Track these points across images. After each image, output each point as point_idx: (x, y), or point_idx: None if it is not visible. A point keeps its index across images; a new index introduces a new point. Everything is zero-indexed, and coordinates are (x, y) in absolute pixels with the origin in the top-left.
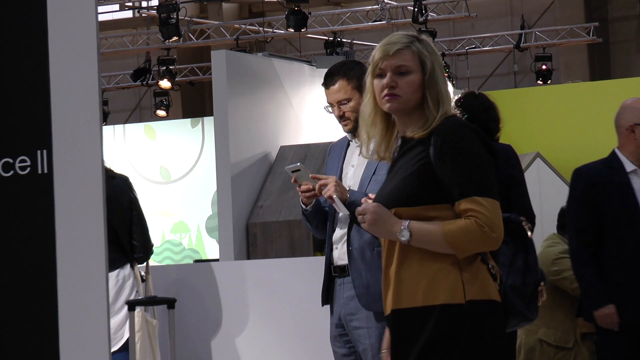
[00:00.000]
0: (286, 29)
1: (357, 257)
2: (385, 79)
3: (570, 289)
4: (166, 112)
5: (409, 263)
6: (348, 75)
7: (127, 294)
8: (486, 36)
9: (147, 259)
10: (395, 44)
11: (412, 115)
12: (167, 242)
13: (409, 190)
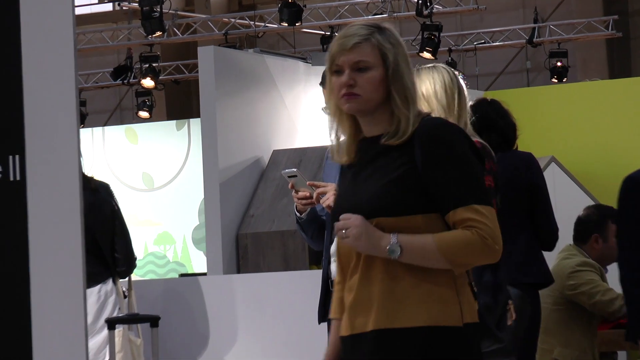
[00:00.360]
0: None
1: None
2: (343, 77)
3: (588, 304)
4: (149, 113)
5: (399, 280)
6: None
7: (109, 311)
8: (496, 30)
9: (130, 273)
10: (353, 37)
11: (376, 114)
12: (150, 254)
13: (393, 198)
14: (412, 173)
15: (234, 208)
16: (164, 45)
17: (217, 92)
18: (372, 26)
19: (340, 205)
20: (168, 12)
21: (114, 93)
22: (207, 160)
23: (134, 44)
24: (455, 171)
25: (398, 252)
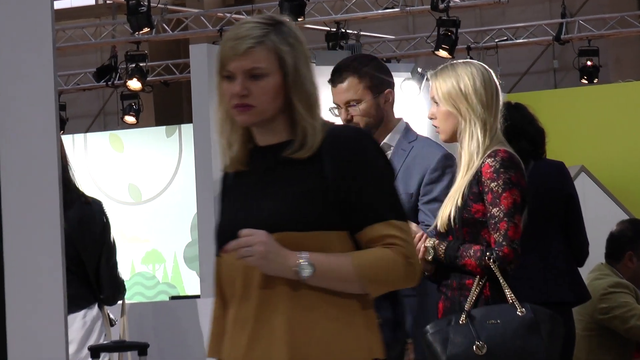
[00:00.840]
0: None
1: None
2: (235, 85)
3: (623, 329)
4: (136, 118)
5: (308, 310)
6: (360, 72)
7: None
8: (520, 26)
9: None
10: (245, 40)
11: (274, 123)
12: (137, 274)
13: (301, 212)
14: (320, 186)
15: None
16: (152, 42)
17: (211, 95)
18: (267, 24)
19: (232, 220)
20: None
21: (97, 96)
22: (200, 170)
23: (119, 41)
24: (371, 185)
25: (309, 271)
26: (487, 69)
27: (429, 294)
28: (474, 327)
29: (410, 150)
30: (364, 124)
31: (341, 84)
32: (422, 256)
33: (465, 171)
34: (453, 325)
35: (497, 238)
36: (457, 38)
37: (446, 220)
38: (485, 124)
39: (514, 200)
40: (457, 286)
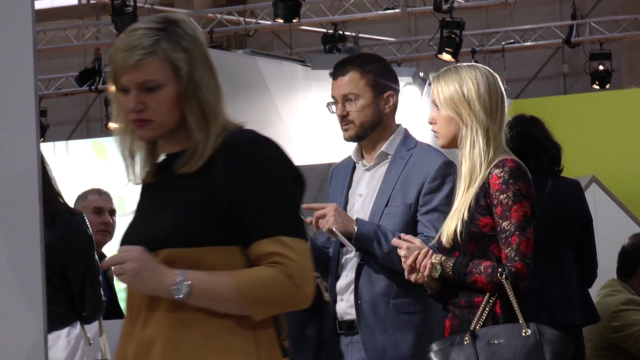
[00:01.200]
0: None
1: (368, 313)
2: (129, 99)
3: (635, 349)
4: None
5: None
6: (363, 68)
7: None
8: (528, 28)
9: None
10: (134, 51)
11: (177, 131)
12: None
13: (187, 226)
14: (211, 197)
15: None
16: None
17: None
18: (159, 28)
19: (126, 236)
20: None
21: (80, 101)
22: None
23: (104, 43)
24: (263, 195)
25: (184, 292)
26: (492, 73)
27: (433, 310)
28: (476, 348)
29: (409, 158)
30: (359, 121)
31: (342, 77)
32: (428, 273)
33: (467, 182)
34: (457, 344)
35: (509, 253)
36: (461, 41)
37: (452, 236)
38: (487, 132)
39: (524, 212)
40: (466, 304)
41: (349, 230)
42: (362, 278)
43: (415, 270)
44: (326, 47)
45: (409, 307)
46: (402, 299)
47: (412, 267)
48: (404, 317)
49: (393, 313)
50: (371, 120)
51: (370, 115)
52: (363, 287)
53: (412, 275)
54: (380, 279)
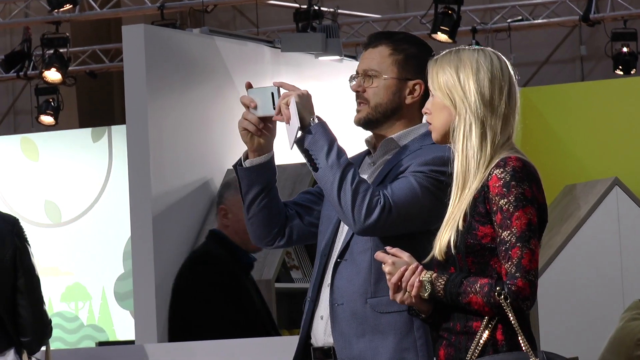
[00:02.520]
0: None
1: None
2: None
3: None
4: (54, 118)
5: None
6: (397, 45)
7: None
8: (539, 3)
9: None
10: None
11: None
12: (56, 314)
13: None
14: None
15: (173, 250)
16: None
17: (148, 89)
18: None
19: None
20: None
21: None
22: (135, 184)
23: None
24: None
25: None
26: (500, 57)
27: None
28: None
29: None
30: (374, 102)
31: (372, 49)
32: (415, 292)
33: (460, 185)
34: None
35: (508, 268)
36: (459, 18)
37: (444, 249)
38: (484, 125)
39: (528, 220)
40: (462, 330)
41: (305, 119)
42: (342, 269)
43: (402, 289)
44: (299, 25)
45: (389, 306)
46: (381, 297)
47: (398, 286)
48: (384, 318)
49: (371, 315)
50: (387, 104)
51: (388, 99)
52: (339, 287)
53: (398, 295)
54: (357, 276)
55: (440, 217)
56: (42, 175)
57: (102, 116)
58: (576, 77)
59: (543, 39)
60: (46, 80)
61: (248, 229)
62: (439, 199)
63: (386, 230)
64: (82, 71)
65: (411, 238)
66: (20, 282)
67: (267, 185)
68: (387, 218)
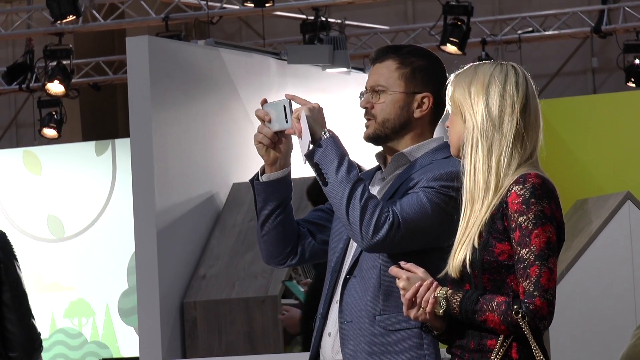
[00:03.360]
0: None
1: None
2: None
3: None
4: (57, 131)
5: None
6: (404, 58)
7: None
8: (549, 14)
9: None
10: None
11: None
12: (59, 331)
13: None
14: None
15: (178, 266)
16: (78, 34)
17: (153, 101)
18: None
19: None
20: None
21: (8, 102)
22: (139, 198)
23: (36, 32)
24: None
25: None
26: (518, 71)
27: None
28: None
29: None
30: (381, 118)
31: (379, 64)
32: (430, 309)
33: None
34: None
35: (527, 287)
36: (469, 29)
37: (459, 267)
38: (490, 142)
39: (547, 238)
40: (476, 348)
41: (317, 133)
42: (348, 294)
43: (416, 305)
44: (305, 36)
45: (399, 324)
46: (390, 314)
47: (412, 302)
48: (394, 335)
49: (380, 332)
50: (395, 120)
51: (395, 114)
52: (348, 304)
53: (412, 311)
54: (366, 292)
55: (451, 233)
56: (45, 189)
57: (105, 129)
58: (588, 90)
59: (554, 51)
60: (49, 92)
61: (260, 247)
62: (449, 214)
63: (395, 247)
64: (86, 83)
65: (421, 254)
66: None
67: (283, 202)
68: (396, 234)
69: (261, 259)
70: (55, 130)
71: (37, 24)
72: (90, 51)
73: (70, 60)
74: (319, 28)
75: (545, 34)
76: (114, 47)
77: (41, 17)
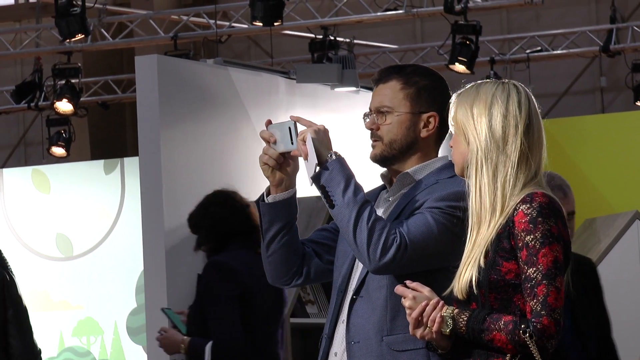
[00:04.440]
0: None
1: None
2: None
3: None
4: (66, 149)
5: None
6: (408, 78)
7: None
8: (558, 33)
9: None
10: None
11: None
12: (67, 350)
13: None
14: None
15: (187, 284)
16: (87, 53)
17: (161, 120)
18: None
19: None
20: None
21: (16, 121)
22: (147, 217)
23: (45, 51)
24: None
25: None
26: (521, 91)
27: None
28: None
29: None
30: (388, 139)
31: (383, 85)
32: (437, 328)
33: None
34: None
35: (534, 306)
36: (477, 48)
37: (466, 287)
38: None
39: (555, 257)
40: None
41: (323, 155)
42: (357, 307)
43: (422, 325)
44: (314, 55)
45: (406, 344)
46: (397, 335)
47: (419, 321)
48: (401, 356)
49: (388, 353)
50: (402, 140)
51: (402, 135)
52: (355, 324)
53: (418, 331)
54: (373, 313)
55: (458, 253)
56: (54, 207)
57: (114, 148)
58: (596, 109)
59: (562, 70)
60: (57, 111)
61: (265, 268)
62: (455, 235)
63: (402, 268)
64: (94, 102)
65: (426, 273)
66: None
67: (288, 222)
68: (403, 256)
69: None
70: (63, 148)
71: (45, 42)
72: (98, 70)
73: (79, 79)
74: (328, 47)
75: (553, 53)
76: (123, 66)
77: (50, 36)
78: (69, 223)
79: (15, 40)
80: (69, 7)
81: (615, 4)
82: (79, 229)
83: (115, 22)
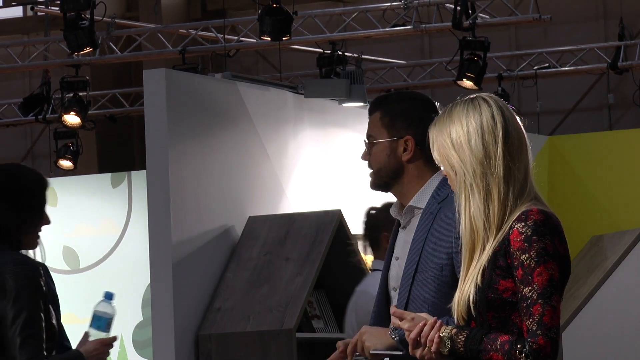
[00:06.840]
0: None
1: None
2: None
3: None
4: (73, 162)
5: None
6: (386, 107)
7: None
8: (566, 50)
9: None
10: None
11: None
12: None
13: None
14: None
15: (193, 298)
16: (95, 66)
17: (169, 134)
18: None
19: None
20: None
21: (24, 133)
22: (155, 231)
23: (53, 64)
24: None
25: None
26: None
27: None
28: None
29: (437, 212)
30: (375, 168)
31: (370, 117)
32: (435, 349)
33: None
34: None
35: (530, 326)
36: (485, 64)
37: (465, 308)
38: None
39: (550, 276)
40: None
41: (389, 342)
42: None
43: (421, 345)
44: (322, 70)
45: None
46: None
47: (417, 341)
48: None
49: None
50: (387, 167)
51: (385, 162)
52: None
53: (417, 351)
54: None
55: None
56: (61, 220)
57: (121, 161)
58: (604, 126)
59: (570, 87)
60: (65, 124)
61: None
62: None
63: None
64: (102, 115)
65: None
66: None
67: None
68: None
69: (276, 292)
70: (71, 161)
71: (54, 55)
72: (106, 83)
73: (87, 92)
74: (336, 62)
75: (561, 69)
76: (131, 79)
77: (58, 49)
78: (75, 236)
79: (23, 53)
80: (78, 21)
81: (624, 21)
82: (85, 242)
83: (123, 36)
